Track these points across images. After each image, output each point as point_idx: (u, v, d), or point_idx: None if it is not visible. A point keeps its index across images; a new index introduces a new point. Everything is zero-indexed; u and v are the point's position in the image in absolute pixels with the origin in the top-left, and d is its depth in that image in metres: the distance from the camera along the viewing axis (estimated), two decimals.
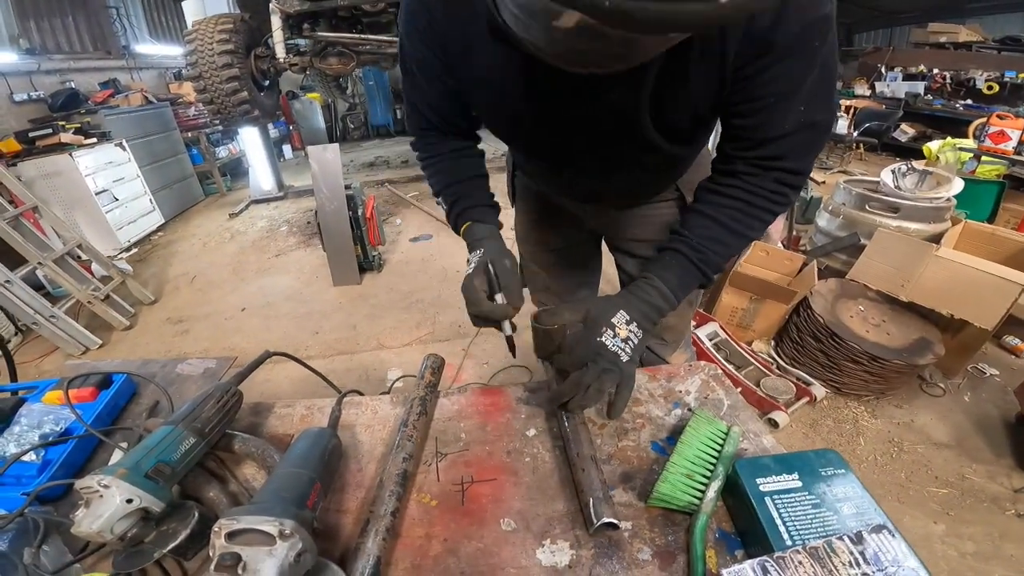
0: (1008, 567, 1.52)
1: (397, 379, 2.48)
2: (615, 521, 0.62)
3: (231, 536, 0.49)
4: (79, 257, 3.38)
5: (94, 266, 3.48)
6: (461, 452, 0.79)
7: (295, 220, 5.15)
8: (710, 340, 2.39)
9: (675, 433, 0.80)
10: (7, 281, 2.77)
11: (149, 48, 7.17)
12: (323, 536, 0.64)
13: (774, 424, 2.01)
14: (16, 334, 3.12)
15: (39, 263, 2.99)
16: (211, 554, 0.49)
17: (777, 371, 2.29)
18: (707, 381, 0.92)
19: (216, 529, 0.49)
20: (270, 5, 3.58)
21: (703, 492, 0.65)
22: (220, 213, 5.65)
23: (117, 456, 0.79)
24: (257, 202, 5.85)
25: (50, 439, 0.79)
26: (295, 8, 3.56)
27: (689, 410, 0.86)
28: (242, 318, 3.32)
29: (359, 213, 3.47)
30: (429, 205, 5.22)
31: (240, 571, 0.47)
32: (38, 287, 3.24)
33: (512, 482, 0.73)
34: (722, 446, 0.71)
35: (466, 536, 0.65)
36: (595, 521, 0.62)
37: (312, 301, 3.45)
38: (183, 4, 4.97)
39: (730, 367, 2.28)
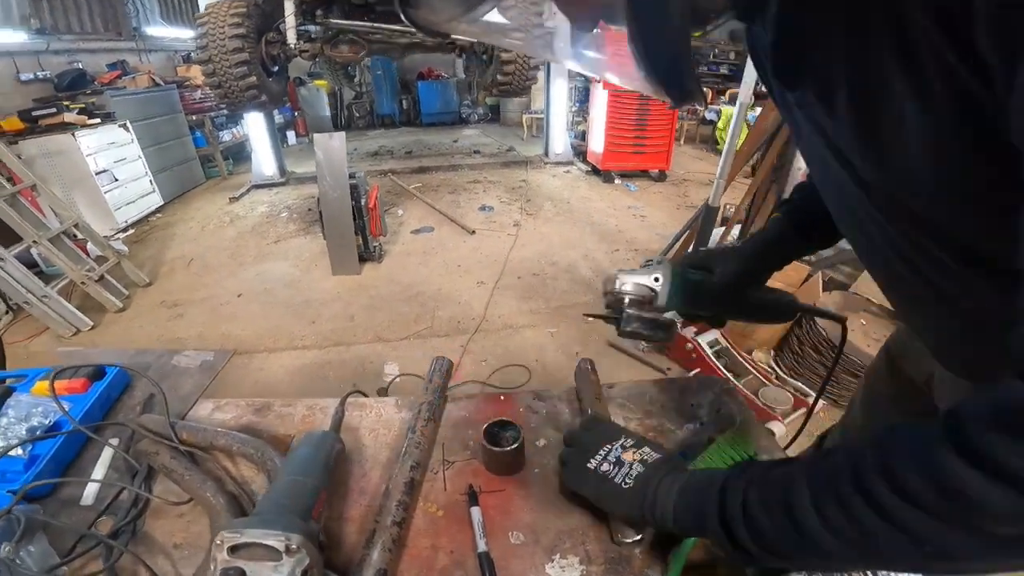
0: None
1: (396, 377, 2.45)
2: (643, 537, 0.62)
3: (234, 550, 0.46)
4: (75, 236, 3.34)
5: (90, 246, 3.44)
6: (468, 460, 0.76)
7: (296, 206, 5.10)
8: (711, 348, 2.37)
9: (687, 447, 0.78)
10: (0, 259, 2.73)
11: (160, 31, 7.11)
12: (326, 546, 0.62)
13: (771, 435, 1.99)
14: (7, 312, 3.07)
15: (34, 241, 2.95)
16: (212, 568, 0.46)
17: (776, 381, 2.28)
18: (719, 396, 0.90)
19: (218, 542, 0.47)
20: None
21: None
22: (221, 197, 5.60)
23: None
24: (258, 187, 5.80)
25: (38, 433, 0.75)
26: None
27: (701, 424, 0.84)
28: (238, 304, 3.28)
29: (362, 202, 3.44)
30: (432, 197, 5.18)
31: None
32: (31, 265, 3.19)
33: (521, 494, 0.71)
34: None
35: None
36: (633, 536, 0.62)
37: (310, 289, 3.42)
38: None
39: (729, 376, 2.26)
